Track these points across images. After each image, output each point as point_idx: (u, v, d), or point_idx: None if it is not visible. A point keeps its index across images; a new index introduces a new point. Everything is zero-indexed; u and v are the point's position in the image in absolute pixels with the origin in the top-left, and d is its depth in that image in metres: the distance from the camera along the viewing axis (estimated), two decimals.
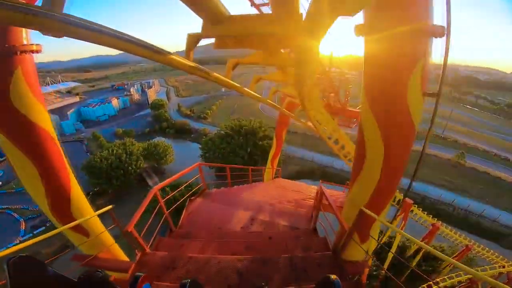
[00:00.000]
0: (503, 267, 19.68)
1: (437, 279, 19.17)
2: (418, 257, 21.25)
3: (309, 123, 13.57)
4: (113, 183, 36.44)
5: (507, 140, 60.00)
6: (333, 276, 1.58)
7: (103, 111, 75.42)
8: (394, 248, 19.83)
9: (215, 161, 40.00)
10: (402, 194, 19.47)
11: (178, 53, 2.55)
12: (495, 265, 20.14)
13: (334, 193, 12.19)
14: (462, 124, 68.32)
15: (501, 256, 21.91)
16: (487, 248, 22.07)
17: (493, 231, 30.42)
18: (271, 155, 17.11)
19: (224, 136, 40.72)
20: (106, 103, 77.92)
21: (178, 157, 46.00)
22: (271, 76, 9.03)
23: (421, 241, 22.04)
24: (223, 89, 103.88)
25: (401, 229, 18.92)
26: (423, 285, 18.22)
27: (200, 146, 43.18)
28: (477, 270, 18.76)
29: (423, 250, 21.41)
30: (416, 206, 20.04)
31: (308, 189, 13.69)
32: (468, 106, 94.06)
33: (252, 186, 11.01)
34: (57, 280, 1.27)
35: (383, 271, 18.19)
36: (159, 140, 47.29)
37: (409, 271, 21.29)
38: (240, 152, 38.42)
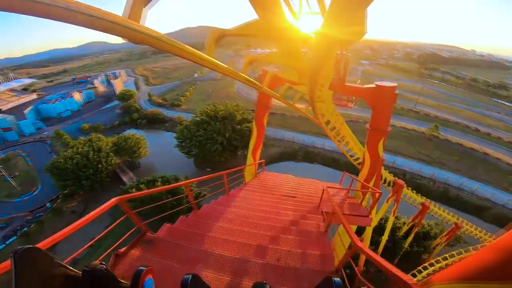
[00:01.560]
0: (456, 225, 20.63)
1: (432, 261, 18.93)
2: (409, 239, 21.10)
3: (298, 105, 12.48)
4: (83, 184, 33.45)
5: (475, 112, 63.07)
6: (333, 277, 1.56)
7: (65, 107, 69.45)
8: (387, 231, 19.62)
9: (192, 150, 38.14)
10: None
11: None
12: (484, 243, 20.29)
13: (333, 189, 10.37)
14: (432, 98, 70.77)
15: (488, 233, 22.29)
16: (475, 226, 22.42)
17: (473, 204, 31.43)
18: (251, 147, 13.79)
19: (200, 123, 38.69)
20: (68, 98, 71.68)
21: (153, 149, 43.38)
22: (286, 75, 9.73)
23: (412, 221, 22.27)
24: (195, 74, 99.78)
25: (395, 211, 18.81)
26: (419, 267, 18.24)
27: (175, 135, 40.80)
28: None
29: (414, 231, 21.38)
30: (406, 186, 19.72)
31: (304, 186, 11.86)
32: (436, 81, 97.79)
33: (231, 199, 7.74)
34: (63, 273, 1.27)
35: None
36: (131, 132, 43.98)
37: (402, 253, 21.41)
38: (218, 138, 36.65)
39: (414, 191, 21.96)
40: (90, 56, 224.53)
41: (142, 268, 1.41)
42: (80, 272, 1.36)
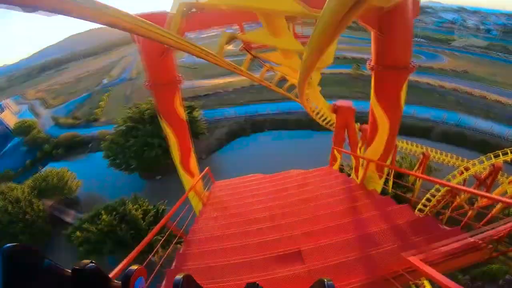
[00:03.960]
0: (467, 169, 20.05)
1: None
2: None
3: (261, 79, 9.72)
4: (20, 240, 27.43)
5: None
6: (326, 279, 1.46)
7: None
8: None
9: (130, 163, 33.21)
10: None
11: None
12: (462, 169, 20.48)
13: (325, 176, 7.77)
14: (347, 43, 75.29)
15: (460, 158, 23.53)
16: (440, 151, 23.67)
17: (418, 127, 34.58)
18: (177, 158, 9.44)
19: (127, 131, 33.63)
20: None
21: (86, 177, 36.94)
22: (269, 56, 7.25)
23: (416, 171, 22.00)
24: (104, 80, 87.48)
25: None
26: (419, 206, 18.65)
27: (103, 154, 35.21)
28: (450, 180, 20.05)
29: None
30: None
31: (289, 188, 7.57)
32: None
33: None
34: (52, 271, 1.23)
35: None
36: (49, 169, 36.49)
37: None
38: (153, 142, 32.25)
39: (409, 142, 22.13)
40: None
41: (132, 268, 1.38)
42: (70, 271, 1.28)
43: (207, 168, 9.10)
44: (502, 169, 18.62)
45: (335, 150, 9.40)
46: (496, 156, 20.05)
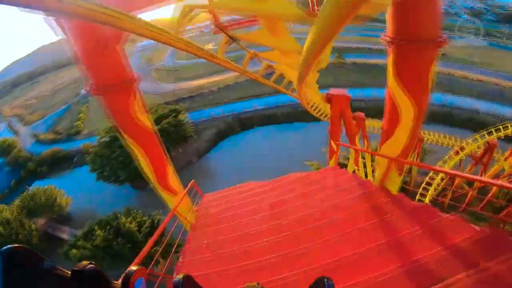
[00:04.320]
0: (463, 149, 19.61)
1: None
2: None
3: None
4: None
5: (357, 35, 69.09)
6: (326, 278, 1.44)
7: None
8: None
9: (118, 175, 32.31)
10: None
11: None
12: (457, 149, 20.09)
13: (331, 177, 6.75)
14: None
15: (453, 137, 23.05)
16: (432, 132, 23.45)
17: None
18: (152, 177, 8.28)
19: (111, 142, 32.66)
20: None
21: (75, 192, 35.90)
22: (268, 55, 7.34)
23: (411, 155, 21.78)
24: (82, 91, 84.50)
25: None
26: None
27: (89, 167, 34.51)
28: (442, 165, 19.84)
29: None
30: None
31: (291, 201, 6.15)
32: None
33: None
34: (52, 273, 1.24)
35: None
36: (35, 187, 35.33)
37: None
38: None
39: None
40: None
41: (132, 269, 1.37)
42: (69, 272, 1.28)
43: (192, 181, 7.53)
44: (497, 146, 18.36)
45: (332, 142, 9.10)
46: (490, 133, 19.78)
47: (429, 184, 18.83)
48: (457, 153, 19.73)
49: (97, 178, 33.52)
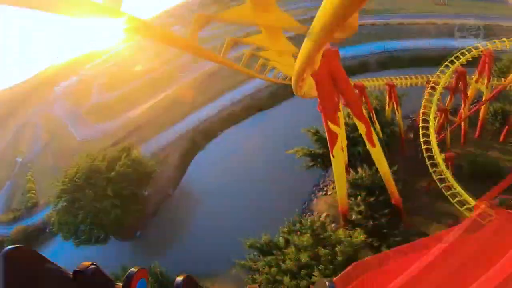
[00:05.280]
0: (436, 83, 19.64)
1: None
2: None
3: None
4: None
5: None
6: (327, 281, 1.45)
7: None
8: None
9: (97, 234, 28.87)
10: None
11: None
12: (431, 84, 19.90)
13: None
14: None
15: (419, 76, 23.25)
16: (403, 76, 23.70)
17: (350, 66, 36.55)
18: None
19: (69, 206, 29.24)
20: None
21: (63, 263, 29.74)
22: (252, 39, 6.14)
23: (389, 103, 21.53)
24: (18, 159, 74.93)
25: None
26: None
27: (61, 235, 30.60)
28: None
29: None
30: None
31: None
32: None
33: None
34: (54, 273, 1.23)
35: None
36: None
37: None
38: (105, 204, 28.19)
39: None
40: None
41: (133, 270, 1.36)
42: (71, 273, 1.28)
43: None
44: (466, 72, 19.05)
45: (329, 123, 7.11)
46: (452, 63, 19.88)
47: (425, 121, 18.15)
48: (433, 88, 19.50)
49: (77, 244, 29.49)
